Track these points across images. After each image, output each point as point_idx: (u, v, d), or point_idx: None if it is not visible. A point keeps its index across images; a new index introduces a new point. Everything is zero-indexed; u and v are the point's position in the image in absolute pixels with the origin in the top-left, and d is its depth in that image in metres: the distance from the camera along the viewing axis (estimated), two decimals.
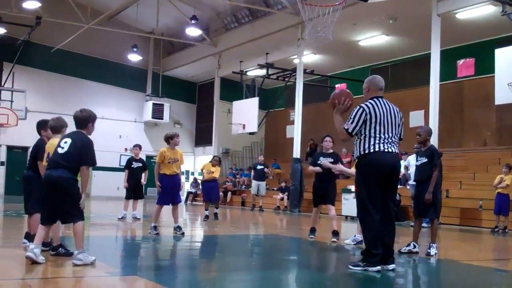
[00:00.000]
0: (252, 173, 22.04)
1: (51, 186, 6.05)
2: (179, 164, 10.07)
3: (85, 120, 6.35)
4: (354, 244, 9.09)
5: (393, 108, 6.48)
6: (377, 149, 6.25)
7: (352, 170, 9.23)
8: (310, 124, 23.07)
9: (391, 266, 6.26)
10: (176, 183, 10.06)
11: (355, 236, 9.23)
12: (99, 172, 25.60)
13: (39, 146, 7.10)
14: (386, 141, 6.29)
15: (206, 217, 14.30)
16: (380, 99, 6.46)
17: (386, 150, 6.26)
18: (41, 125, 7.29)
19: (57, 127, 6.94)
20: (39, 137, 7.34)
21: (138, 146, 13.98)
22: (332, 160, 9.62)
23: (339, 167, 9.59)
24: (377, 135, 6.28)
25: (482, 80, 18.83)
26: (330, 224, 9.74)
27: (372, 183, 6.23)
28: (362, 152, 6.32)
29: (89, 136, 6.34)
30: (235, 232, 12.42)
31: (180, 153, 10.19)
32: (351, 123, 6.34)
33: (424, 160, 8.27)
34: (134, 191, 13.54)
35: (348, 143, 21.97)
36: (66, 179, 6.02)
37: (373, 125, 6.29)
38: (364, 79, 19.75)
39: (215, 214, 14.66)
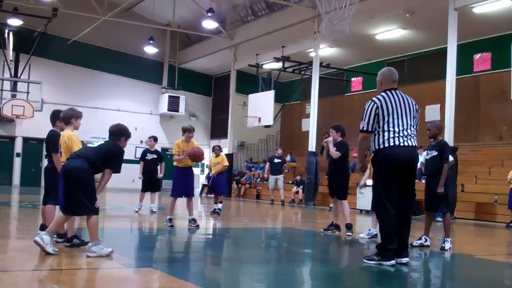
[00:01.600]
0: (267, 166, 21.77)
1: (67, 176, 6.13)
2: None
3: (115, 133, 6.52)
4: (368, 238, 9.12)
5: (407, 99, 6.39)
6: (391, 144, 6.17)
7: (333, 151, 9.49)
8: (325, 118, 23.01)
9: (405, 260, 6.26)
10: (189, 176, 10.10)
11: (369, 230, 9.25)
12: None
13: (51, 137, 7.15)
14: (402, 133, 6.19)
15: (215, 211, 13.80)
16: (393, 91, 6.38)
17: (401, 144, 6.17)
18: (56, 115, 7.29)
19: (65, 117, 6.99)
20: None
21: (153, 138, 13.89)
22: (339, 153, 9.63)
23: (330, 147, 9.58)
24: (391, 129, 6.20)
25: (499, 75, 18.69)
26: (344, 218, 9.78)
27: (388, 179, 6.20)
28: (377, 147, 6.28)
29: (122, 147, 6.49)
30: (250, 225, 12.48)
31: (195, 145, 10.23)
32: (364, 119, 6.30)
33: (434, 153, 8.28)
34: (149, 183, 13.49)
35: (353, 137, 21.92)
36: (81, 168, 6.08)
37: (386, 119, 6.22)
38: None
39: (218, 209, 13.88)
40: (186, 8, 26.05)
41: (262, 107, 23.56)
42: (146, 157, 13.55)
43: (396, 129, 6.20)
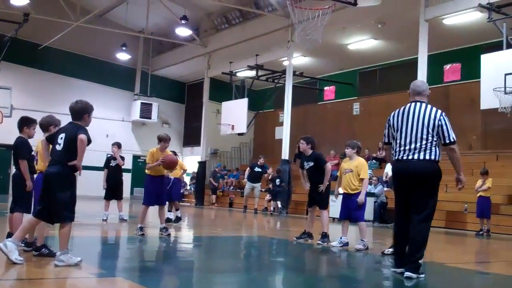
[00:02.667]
0: (247, 172, 21.81)
1: (47, 181, 6.03)
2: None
3: (80, 111, 6.22)
4: (340, 246, 9.14)
5: (421, 112, 6.19)
6: (396, 157, 6.24)
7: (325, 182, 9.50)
8: (299, 126, 23.11)
9: (399, 270, 6.22)
10: (161, 184, 9.99)
11: (341, 238, 9.28)
12: (84, 171, 25.38)
13: (19, 144, 6.96)
14: (403, 148, 6.16)
15: (177, 219, 13.17)
16: (412, 104, 6.32)
17: (402, 158, 6.16)
18: (24, 122, 7.06)
19: (44, 124, 6.88)
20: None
21: (117, 144, 13.55)
22: (312, 164, 9.66)
23: (323, 187, 9.62)
24: (398, 143, 6.22)
25: (468, 85, 18.98)
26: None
27: (396, 192, 6.37)
28: (392, 159, 6.43)
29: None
30: (222, 234, 12.43)
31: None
32: (384, 134, 6.49)
33: None
34: (113, 191, 13.20)
35: (337, 145, 21.98)
36: (61, 174, 5.98)
37: (395, 133, 6.27)
38: (353, 82, 19.92)
39: (179, 216, 13.29)
40: (160, 15, 25.95)
41: (235, 115, 23.55)
42: (110, 164, 13.30)
43: (402, 143, 6.18)
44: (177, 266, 7.13)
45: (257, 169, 21.38)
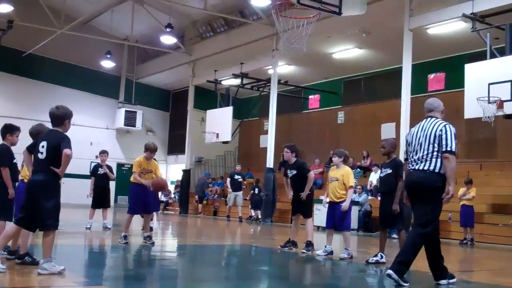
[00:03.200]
0: (228, 182, 21.91)
1: (31, 190, 5.98)
2: (153, 175, 9.94)
3: (61, 117, 6.19)
4: (325, 255, 9.13)
5: (427, 125, 6.54)
6: (408, 168, 6.56)
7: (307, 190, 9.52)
8: (283, 134, 23.13)
9: (392, 274, 6.17)
10: (147, 192, 9.87)
11: (326, 247, 9.27)
12: (68, 179, 25.19)
13: (1, 151, 6.88)
14: (413, 159, 6.46)
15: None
16: (424, 120, 6.68)
17: (411, 169, 6.45)
18: (6, 129, 7.01)
19: (34, 133, 6.83)
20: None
21: (104, 152, 13.50)
22: (295, 172, 9.68)
23: (304, 194, 9.63)
24: (410, 155, 6.55)
25: (452, 94, 19.08)
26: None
27: (410, 202, 6.60)
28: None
29: (65, 133, 6.16)
30: (207, 242, 12.38)
31: (156, 165, 10.11)
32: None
33: (389, 171, 8.40)
34: (100, 199, 13.12)
35: (322, 153, 22.02)
36: (46, 183, 5.95)
37: (409, 147, 6.61)
38: (337, 91, 19.97)
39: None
40: (145, 23, 25.89)
41: (220, 123, 23.52)
42: (98, 172, 13.21)
43: (410, 155, 6.53)
44: (161, 274, 7.08)
45: (236, 176, 21.63)
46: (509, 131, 17.23)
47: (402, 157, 15.08)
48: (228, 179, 22.04)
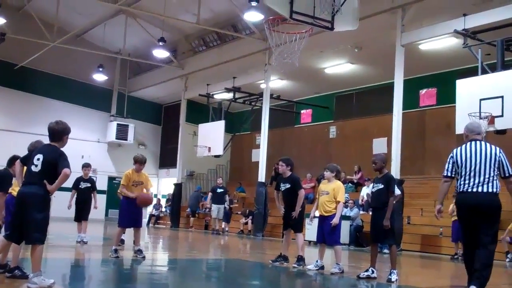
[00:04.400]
0: (210, 196, 22.09)
1: (21, 202, 5.96)
2: (143, 187, 9.90)
3: (60, 132, 6.23)
4: (316, 270, 9.11)
5: (486, 149, 6.84)
6: (460, 190, 6.80)
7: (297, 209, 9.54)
8: (275, 148, 23.15)
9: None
10: (136, 207, 9.76)
11: (317, 261, 9.25)
12: (59, 192, 25.04)
13: (2, 177, 7.05)
14: (467, 181, 6.73)
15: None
16: (472, 142, 6.92)
17: (467, 191, 6.70)
18: (12, 162, 7.12)
19: (31, 150, 6.81)
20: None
21: (88, 166, 13.33)
22: (289, 186, 9.68)
23: (295, 214, 9.62)
24: (463, 177, 6.81)
25: (444, 110, 19.21)
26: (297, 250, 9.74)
27: (461, 220, 7.00)
28: (455, 191, 7.05)
29: (61, 149, 6.19)
30: (197, 256, 12.31)
31: (145, 176, 10.06)
32: (445, 168, 7.03)
33: (381, 186, 8.40)
34: (82, 212, 12.88)
35: (313, 168, 22.00)
36: (37, 195, 5.92)
37: (459, 168, 6.85)
38: (329, 106, 20.03)
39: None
40: (137, 37, 25.93)
41: (212, 137, 23.51)
42: (80, 186, 12.95)
43: (467, 177, 6.77)
44: None
45: (219, 190, 21.79)
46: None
47: (393, 172, 15.20)
48: (210, 193, 22.23)
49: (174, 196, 26.51)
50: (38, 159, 6.06)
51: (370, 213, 16.26)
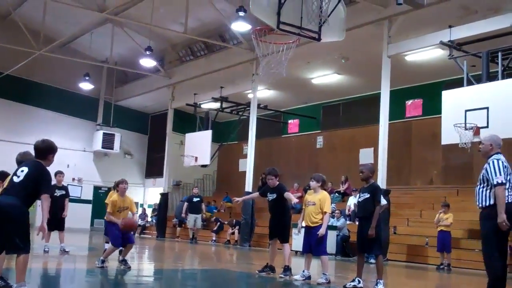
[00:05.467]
0: (185, 206, 22.42)
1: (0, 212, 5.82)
2: (128, 212, 9.85)
3: (44, 150, 6.19)
4: (303, 280, 9.09)
5: None
6: (509, 200, 6.45)
7: (291, 197, 9.60)
8: (263, 158, 23.15)
9: None
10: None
11: (304, 271, 9.23)
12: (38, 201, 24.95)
13: None
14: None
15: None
16: (501, 155, 6.70)
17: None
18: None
19: (21, 161, 6.72)
20: None
21: (62, 173, 13.00)
22: (275, 196, 9.69)
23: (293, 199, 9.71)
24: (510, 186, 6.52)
25: (430, 120, 19.32)
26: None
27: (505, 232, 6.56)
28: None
29: (47, 167, 6.15)
30: (184, 267, 12.24)
31: (130, 200, 10.01)
32: (500, 174, 6.46)
33: (367, 196, 8.43)
34: (56, 221, 12.35)
35: (300, 178, 21.95)
36: (15, 206, 5.79)
37: (509, 176, 6.54)
38: (316, 116, 20.09)
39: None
40: (124, 46, 25.87)
41: (199, 146, 23.45)
42: (55, 194, 12.48)
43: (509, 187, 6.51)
44: None
45: (195, 199, 22.21)
46: None
47: (380, 182, 15.25)
48: (186, 203, 22.32)
49: (160, 206, 26.38)
50: (22, 171, 6.02)
51: (357, 223, 16.38)
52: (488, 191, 6.54)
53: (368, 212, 8.34)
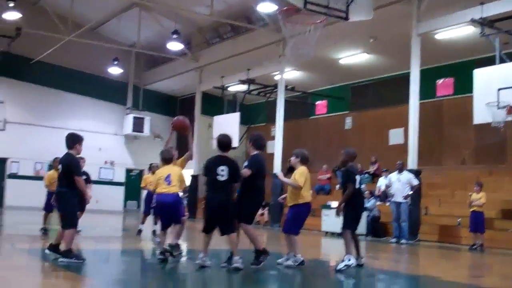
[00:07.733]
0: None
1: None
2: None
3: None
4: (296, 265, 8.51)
5: None
6: None
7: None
8: (290, 140, 23.08)
9: None
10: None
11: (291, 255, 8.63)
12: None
13: (72, 162, 7.70)
14: None
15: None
16: None
17: None
18: (75, 139, 7.84)
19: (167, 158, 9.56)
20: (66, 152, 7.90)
21: (82, 158, 13.14)
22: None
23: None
24: None
25: (461, 100, 19.03)
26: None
27: None
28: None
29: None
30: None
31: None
32: None
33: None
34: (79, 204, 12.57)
35: (329, 159, 21.88)
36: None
37: None
38: (345, 96, 19.82)
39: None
40: (151, 30, 25.95)
41: (227, 129, 23.37)
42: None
43: None
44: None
45: None
46: None
47: (411, 163, 15.16)
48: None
49: (191, 187, 26.59)
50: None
51: (387, 204, 16.31)
52: None
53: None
